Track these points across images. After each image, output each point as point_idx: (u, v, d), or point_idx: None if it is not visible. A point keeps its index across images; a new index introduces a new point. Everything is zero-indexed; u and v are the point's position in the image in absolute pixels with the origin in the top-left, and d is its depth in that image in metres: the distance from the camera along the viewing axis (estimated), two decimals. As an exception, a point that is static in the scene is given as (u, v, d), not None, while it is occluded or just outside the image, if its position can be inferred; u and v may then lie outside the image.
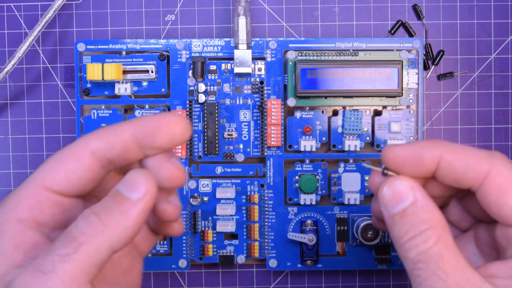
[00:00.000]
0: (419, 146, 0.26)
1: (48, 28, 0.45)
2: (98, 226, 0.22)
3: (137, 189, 0.23)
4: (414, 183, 0.25)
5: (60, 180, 0.24)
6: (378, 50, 0.42)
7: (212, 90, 0.42)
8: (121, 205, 0.23)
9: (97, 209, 0.23)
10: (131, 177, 0.23)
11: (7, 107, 0.45)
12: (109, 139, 0.24)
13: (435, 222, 0.25)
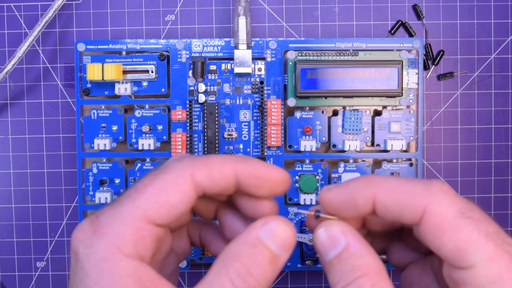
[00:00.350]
0: (351, 188, 0.24)
1: (48, 28, 0.45)
2: (253, 286, 0.22)
3: (285, 246, 0.23)
4: (346, 227, 0.24)
5: (164, 214, 0.23)
6: (378, 50, 0.42)
7: (212, 90, 0.42)
8: (271, 263, 0.23)
9: (249, 265, 0.22)
10: (277, 230, 0.23)
11: (7, 107, 0.45)
12: (214, 176, 0.23)
13: (369, 268, 0.23)
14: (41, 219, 0.45)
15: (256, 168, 0.24)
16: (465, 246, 0.21)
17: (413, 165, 0.43)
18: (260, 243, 0.23)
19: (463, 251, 0.21)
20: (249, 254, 0.22)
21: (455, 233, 0.21)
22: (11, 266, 0.45)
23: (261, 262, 0.22)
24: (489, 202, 0.45)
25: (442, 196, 0.22)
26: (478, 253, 0.21)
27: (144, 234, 0.22)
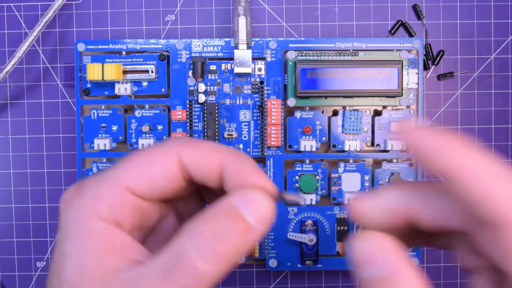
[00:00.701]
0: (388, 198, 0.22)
1: (48, 28, 0.45)
2: (221, 254, 0.21)
3: (260, 217, 0.21)
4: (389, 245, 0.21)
5: (144, 185, 0.22)
6: (378, 50, 0.42)
7: (212, 90, 0.42)
8: (243, 233, 0.21)
9: (217, 230, 0.21)
10: (255, 199, 0.22)
11: (7, 107, 0.45)
12: (200, 160, 0.23)
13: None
14: (41, 219, 0.45)
15: (244, 168, 0.23)
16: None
17: (413, 165, 0.43)
18: (234, 211, 0.21)
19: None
20: (220, 220, 0.21)
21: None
22: (11, 266, 0.45)
23: (232, 230, 0.21)
24: (489, 202, 0.45)
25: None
26: None
27: (122, 202, 0.22)
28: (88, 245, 0.22)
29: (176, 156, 0.23)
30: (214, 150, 0.23)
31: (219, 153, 0.23)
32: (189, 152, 0.23)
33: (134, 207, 0.23)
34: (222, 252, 0.21)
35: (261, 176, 0.22)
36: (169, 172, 0.23)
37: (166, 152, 0.23)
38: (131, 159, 0.23)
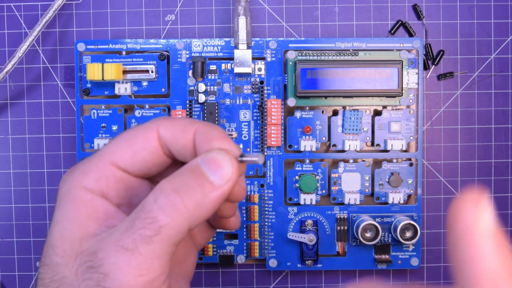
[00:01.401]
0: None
1: (48, 28, 0.45)
2: (179, 207, 0.22)
3: (221, 174, 0.23)
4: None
5: (127, 158, 0.24)
6: (378, 50, 0.42)
7: (212, 90, 0.42)
8: (203, 188, 0.22)
9: (178, 185, 0.22)
10: (216, 157, 0.23)
11: (7, 107, 0.45)
12: (176, 132, 0.24)
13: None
14: (41, 219, 0.45)
15: (211, 134, 0.24)
16: None
17: (413, 165, 0.43)
18: (196, 168, 0.23)
19: None
20: (182, 177, 0.22)
21: None
22: (11, 266, 0.45)
23: (192, 185, 0.22)
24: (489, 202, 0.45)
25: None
26: None
27: (108, 174, 0.24)
28: (73, 211, 0.24)
29: (155, 131, 0.25)
30: (188, 123, 0.25)
31: (192, 125, 0.24)
32: (165, 126, 0.25)
33: (119, 180, 0.24)
34: (181, 205, 0.22)
35: (225, 140, 0.24)
36: (149, 145, 0.25)
37: (146, 127, 0.25)
38: (117, 137, 0.25)
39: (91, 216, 0.24)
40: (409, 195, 0.43)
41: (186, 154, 0.25)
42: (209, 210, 0.22)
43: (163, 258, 0.22)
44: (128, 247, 0.22)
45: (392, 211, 0.43)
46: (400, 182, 0.43)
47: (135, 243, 0.22)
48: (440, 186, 0.45)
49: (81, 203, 0.24)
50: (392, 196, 0.42)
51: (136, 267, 0.21)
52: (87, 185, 0.24)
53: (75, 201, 0.24)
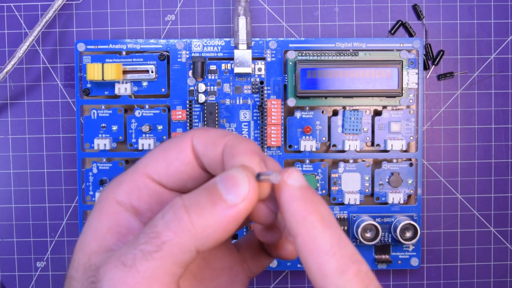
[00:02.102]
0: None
1: (48, 28, 0.45)
2: (185, 223, 0.20)
3: (237, 191, 0.21)
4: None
5: (160, 170, 0.23)
6: (378, 50, 0.42)
7: (212, 90, 0.42)
8: (214, 205, 0.20)
9: (188, 201, 0.21)
10: (233, 174, 0.21)
11: (7, 107, 0.45)
12: (207, 144, 0.23)
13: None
14: (41, 219, 0.45)
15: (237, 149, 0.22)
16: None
17: (413, 165, 0.43)
18: (212, 186, 0.21)
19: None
20: (197, 194, 0.21)
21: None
22: (11, 266, 0.45)
23: (204, 202, 0.20)
24: (489, 202, 0.45)
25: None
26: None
27: (140, 186, 0.23)
28: (95, 223, 0.23)
29: (189, 142, 0.23)
30: (220, 135, 0.23)
31: (224, 138, 0.23)
32: (198, 137, 0.23)
33: (153, 193, 0.23)
34: (187, 221, 0.20)
35: (250, 155, 0.22)
36: (183, 156, 0.23)
37: (181, 138, 0.24)
38: (152, 149, 0.24)
39: (111, 230, 0.22)
40: (409, 195, 0.43)
41: (216, 168, 0.23)
42: (222, 230, 0.20)
43: (163, 279, 0.20)
44: (127, 263, 0.20)
45: (392, 211, 0.43)
46: (400, 182, 0.43)
47: (134, 259, 0.20)
48: (440, 186, 0.45)
49: (105, 215, 0.23)
50: (392, 196, 0.42)
51: (132, 285, 0.20)
52: (117, 197, 0.23)
53: (100, 213, 0.23)
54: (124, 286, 0.20)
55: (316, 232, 0.20)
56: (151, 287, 0.20)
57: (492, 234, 0.45)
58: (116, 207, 0.23)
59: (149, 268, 0.20)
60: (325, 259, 0.20)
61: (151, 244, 0.20)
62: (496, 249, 0.45)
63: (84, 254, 0.22)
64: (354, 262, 0.20)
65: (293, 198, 0.20)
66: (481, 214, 0.45)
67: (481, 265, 0.45)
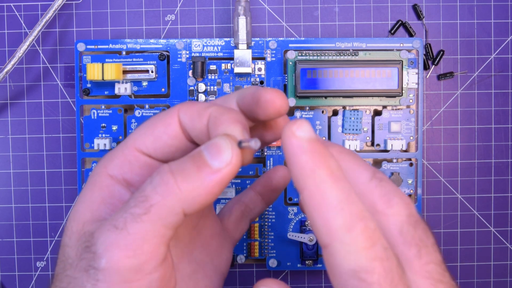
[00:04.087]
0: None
1: (48, 28, 0.45)
2: (172, 187, 0.21)
3: (220, 157, 0.21)
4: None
5: (149, 143, 0.24)
6: (378, 50, 0.42)
7: (212, 90, 0.42)
8: (199, 170, 0.21)
9: (175, 167, 0.22)
10: (217, 142, 0.22)
11: (7, 107, 0.45)
12: (193, 117, 0.24)
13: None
14: (41, 219, 0.45)
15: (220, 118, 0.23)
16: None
17: (413, 165, 0.43)
18: (197, 153, 0.22)
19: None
20: (183, 160, 0.22)
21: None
22: (11, 266, 0.45)
23: (190, 167, 0.21)
24: (489, 202, 0.45)
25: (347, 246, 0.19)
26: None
27: (131, 160, 0.24)
28: (89, 195, 0.24)
29: (175, 116, 0.24)
30: (204, 107, 0.24)
31: (207, 109, 0.24)
32: (184, 110, 0.24)
33: (144, 166, 0.24)
34: (174, 185, 0.21)
35: (232, 124, 0.23)
36: (170, 130, 0.24)
37: (167, 113, 0.25)
38: (141, 124, 0.25)
39: (105, 201, 0.24)
40: (409, 195, 0.43)
41: (203, 139, 0.24)
42: (207, 194, 0.21)
43: (152, 241, 0.21)
44: (119, 226, 0.21)
45: (392, 211, 0.43)
46: (400, 182, 0.43)
47: (125, 222, 0.21)
48: (440, 186, 0.45)
49: (98, 188, 0.24)
50: (392, 196, 0.42)
51: (123, 247, 0.21)
52: (110, 171, 0.24)
53: (93, 186, 0.24)
54: (116, 247, 0.21)
55: (325, 186, 0.20)
56: (141, 247, 0.21)
57: (492, 234, 0.45)
58: (108, 180, 0.24)
59: (139, 230, 0.21)
60: (332, 214, 0.19)
61: (140, 207, 0.21)
62: (496, 249, 0.45)
63: (78, 223, 0.23)
64: (362, 219, 0.19)
65: (302, 151, 0.20)
66: (481, 214, 0.45)
67: (481, 265, 0.45)
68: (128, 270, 0.21)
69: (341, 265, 0.19)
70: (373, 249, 0.19)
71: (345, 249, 0.19)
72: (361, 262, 0.19)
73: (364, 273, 0.19)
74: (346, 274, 0.19)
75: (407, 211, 0.21)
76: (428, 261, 0.21)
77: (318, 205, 0.20)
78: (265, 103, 0.23)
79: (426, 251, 0.21)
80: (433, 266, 0.21)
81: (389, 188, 0.22)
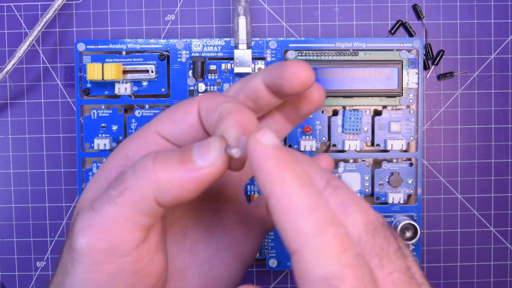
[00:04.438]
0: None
1: (48, 28, 0.45)
2: (149, 173, 0.21)
3: (206, 157, 0.21)
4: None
5: (168, 128, 0.24)
6: (378, 50, 0.42)
7: (212, 90, 0.42)
8: (182, 164, 0.21)
9: (160, 155, 0.21)
10: (209, 141, 0.21)
11: (7, 107, 0.45)
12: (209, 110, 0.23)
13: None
14: (41, 219, 0.45)
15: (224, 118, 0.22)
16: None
17: (413, 165, 0.43)
18: (188, 148, 0.22)
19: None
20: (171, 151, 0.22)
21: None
22: (11, 266, 0.45)
23: (174, 159, 0.21)
24: (489, 202, 0.45)
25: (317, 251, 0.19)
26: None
27: (149, 141, 0.24)
28: (103, 173, 0.24)
29: (196, 105, 0.24)
30: (220, 102, 0.23)
31: (222, 105, 0.23)
32: (204, 102, 0.24)
33: (161, 148, 0.24)
34: (151, 171, 0.21)
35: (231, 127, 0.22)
36: (188, 118, 0.24)
37: (189, 101, 0.24)
38: (165, 110, 0.25)
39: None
40: (409, 195, 0.43)
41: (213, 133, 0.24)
42: (182, 189, 0.21)
43: (124, 225, 0.21)
44: (95, 207, 0.21)
45: (392, 211, 0.43)
46: (400, 182, 0.43)
47: (101, 203, 0.21)
48: (440, 186, 0.45)
49: (114, 167, 0.24)
50: (392, 196, 0.42)
51: (96, 229, 0.21)
52: (127, 152, 0.24)
53: (106, 166, 0.24)
54: (90, 228, 0.21)
55: (292, 191, 0.19)
56: (112, 231, 0.21)
57: (492, 234, 0.45)
58: (124, 160, 0.24)
59: (112, 213, 0.21)
60: (301, 219, 0.19)
61: (116, 189, 0.21)
62: (496, 249, 0.45)
63: (83, 199, 0.23)
64: (332, 224, 0.19)
65: (268, 157, 0.20)
66: (481, 214, 0.45)
67: (481, 265, 0.45)
68: (100, 251, 0.21)
69: (310, 272, 0.18)
70: (345, 255, 0.18)
71: (315, 255, 0.18)
72: (332, 268, 0.18)
73: (335, 280, 0.18)
74: (316, 282, 0.18)
75: (364, 219, 0.20)
76: (391, 271, 0.20)
77: (286, 210, 0.19)
78: (290, 76, 0.23)
79: (388, 259, 0.20)
80: (397, 275, 0.20)
81: (344, 196, 0.20)
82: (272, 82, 0.24)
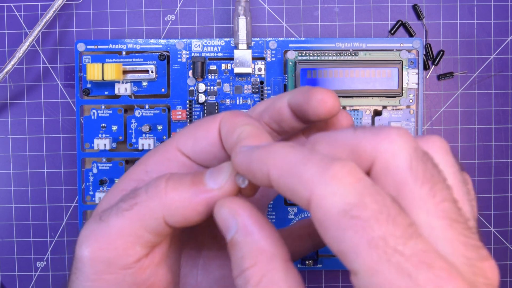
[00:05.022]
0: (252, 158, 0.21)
1: (48, 28, 0.45)
2: (160, 191, 0.21)
3: (216, 179, 0.22)
4: (239, 206, 0.21)
5: (189, 145, 0.24)
6: (378, 50, 0.42)
7: (212, 90, 0.42)
8: (193, 185, 0.21)
9: (174, 176, 0.22)
10: (222, 166, 0.22)
11: (7, 107, 0.45)
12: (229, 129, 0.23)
13: (259, 255, 0.19)
14: (41, 219, 0.45)
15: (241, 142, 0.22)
16: (346, 251, 0.17)
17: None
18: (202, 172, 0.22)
19: (345, 256, 0.17)
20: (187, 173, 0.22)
21: (337, 235, 0.17)
22: (11, 266, 0.45)
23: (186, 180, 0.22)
24: (489, 202, 0.45)
25: (329, 187, 0.17)
26: (358, 262, 0.17)
27: (170, 157, 0.24)
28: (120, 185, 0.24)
29: (217, 124, 0.24)
30: (243, 122, 0.23)
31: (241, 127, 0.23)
32: (225, 120, 0.24)
33: (182, 166, 0.24)
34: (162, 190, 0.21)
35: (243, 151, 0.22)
36: (209, 136, 0.24)
37: (211, 118, 0.24)
38: (187, 126, 0.26)
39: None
40: (409, 195, 0.43)
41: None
42: (191, 209, 0.21)
43: (127, 239, 0.21)
44: (103, 217, 0.22)
45: (392, 211, 0.43)
46: (400, 182, 0.43)
47: (109, 214, 0.21)
48: (440, 186, 0.45)
49: (127, 181, 0.24)
50: (392, 196, 0.42)
51: (99, 239, 0.21)
52: (147, 167, 0.24)
53: (125, 178, 0.24)
54: (93, 237, 0.21)
55: (284, 151, 0.19)
56: (115, 242, 0.21)
57: (492, 234, 0.45)
58: (142, 174, 0.24)
59: (118, 225, 0.21)
60: (301, 167, 0.18)
61: (126, 202, 0.21)
62: (496, 249, 0.45)
63: (97, 208, 0.24)
64: (335, 159, 0.18)
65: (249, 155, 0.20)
66: (481, 214, 0.45)
67: (481, 265, 0.45)
68: (101, 262, 0.21)
69: (329, 211, 0.17)
70: (360, 183, 0.17)
71: (328, 191, 0.17)
72: (349, 199, 0.17)
73: (356, 209, 0.17)
74: (336, 219, 0.17)
75: (412, 143, 0.18)
76: (442, 199, 0.18)
77: (284, 172, 0.18)
78: (316, 103, 0.23)
79: (439, 187, 0.18)
80: (448, 205, 0.18)
81: (380, 128, 0.19)
82: (297, 106, 0.24)
